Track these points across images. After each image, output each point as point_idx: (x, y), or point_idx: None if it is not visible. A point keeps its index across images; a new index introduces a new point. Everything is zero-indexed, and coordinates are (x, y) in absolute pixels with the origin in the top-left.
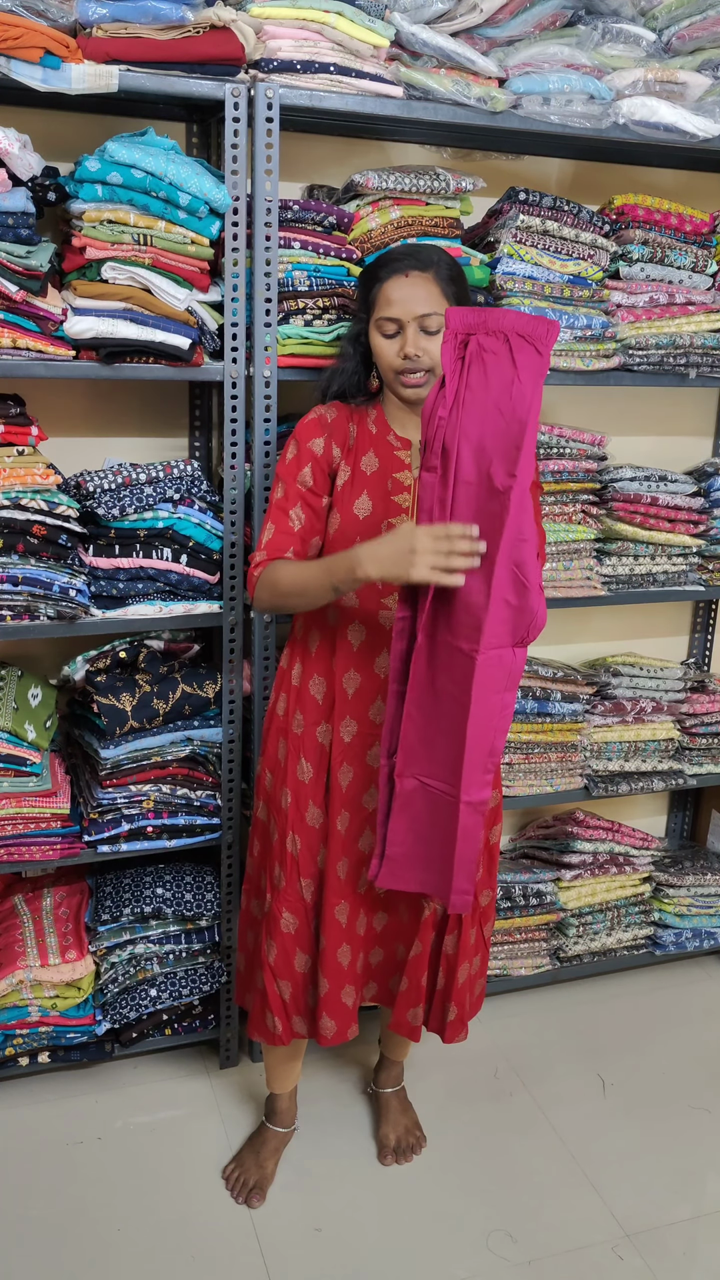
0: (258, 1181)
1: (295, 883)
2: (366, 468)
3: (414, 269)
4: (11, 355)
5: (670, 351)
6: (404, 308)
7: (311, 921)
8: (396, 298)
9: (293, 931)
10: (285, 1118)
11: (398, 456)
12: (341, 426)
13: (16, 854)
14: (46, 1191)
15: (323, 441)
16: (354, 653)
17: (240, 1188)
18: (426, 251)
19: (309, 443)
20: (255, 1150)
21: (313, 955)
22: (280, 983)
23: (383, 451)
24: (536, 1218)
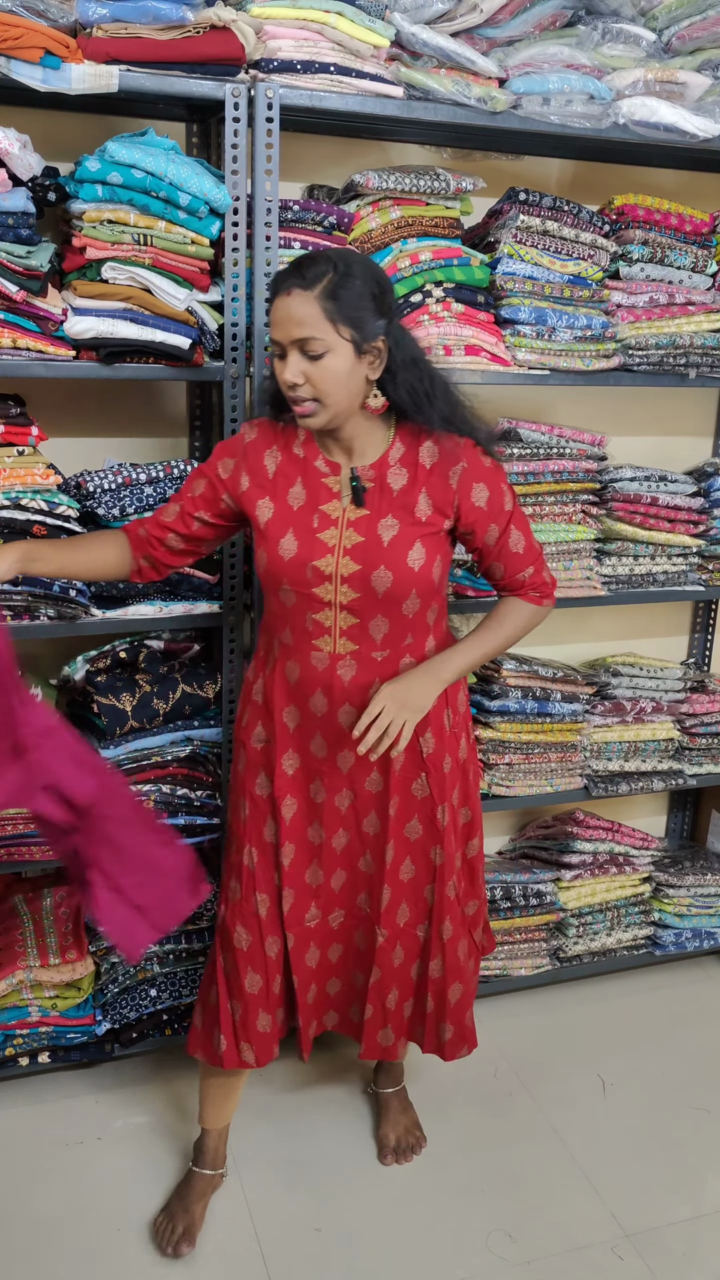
0: (185, 1228)
1: (251, 897)
2: (294, 501)
3: (296, 286)
4: (11, 355)
5: (670, 351)
6: (282, 330)
7: (264, 941)
8: (276, 318)
9: (244, 948)
10: (212, 1159)
11: (325, 485)
12: (258, 453)
13: (16, 854)
14: (46, 1191)
15: (232, 465)
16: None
17: (168, 1237)
18: (316, 264)
19: (220, 460)
20: (181, 1196)
21: (264, 976)
22: (233, 1002)
23: (310, 480)
24: (536, 1218)
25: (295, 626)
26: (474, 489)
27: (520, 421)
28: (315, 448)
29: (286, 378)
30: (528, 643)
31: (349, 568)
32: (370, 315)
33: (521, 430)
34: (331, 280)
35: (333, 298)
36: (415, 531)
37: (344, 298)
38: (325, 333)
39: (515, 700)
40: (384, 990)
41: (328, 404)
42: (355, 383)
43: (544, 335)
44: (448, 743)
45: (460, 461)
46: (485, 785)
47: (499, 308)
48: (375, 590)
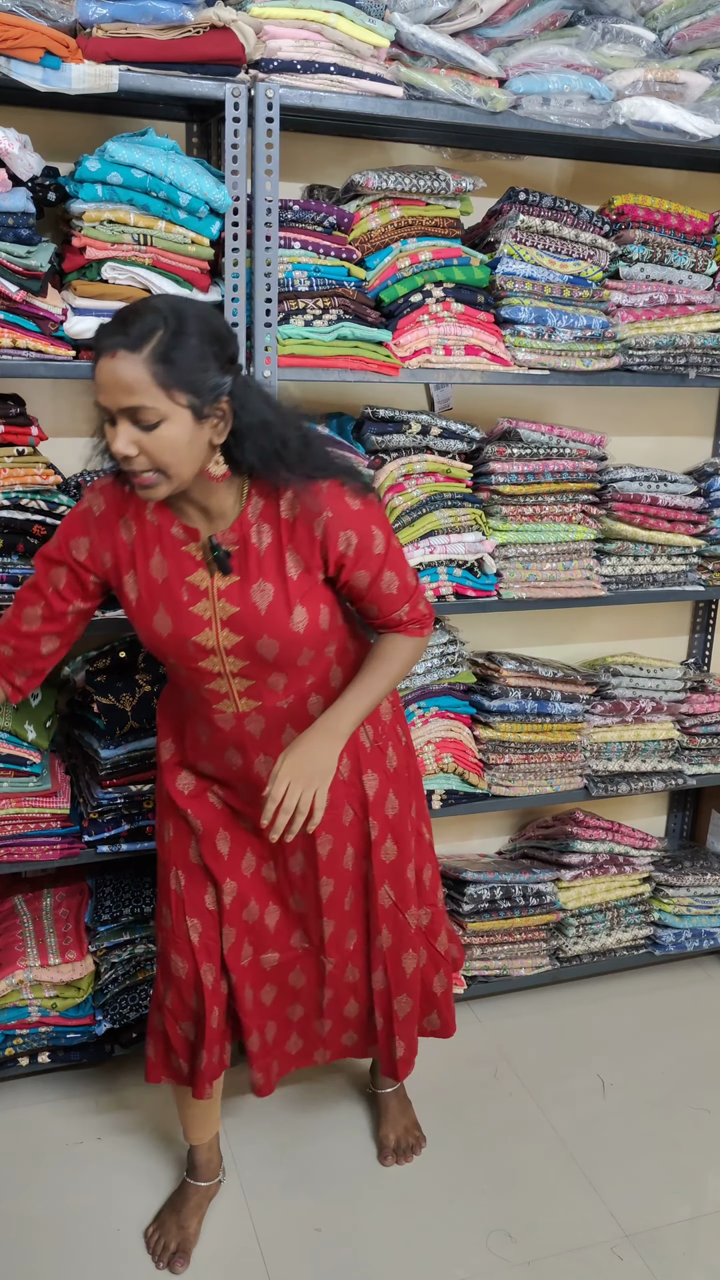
0: (180, 1244)
1: (181, 923)
2: (157, 573)
3: (122, 347)
4: (11, 355)
5: (670, 351)
6: (109, 396)
7: (199, 968)
8: (101, 381)
9: (182, 976)
10: (207, 1170)
11: (187, 553)
12: (111, 525)
13: (16, 854)
14: (46, 1192)
15: (86, 545)
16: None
17: (161, 1252)
18: (143, 319)
19: (71, 542)
20: (176, 1209)
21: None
22: (182, 1024)
23: (169, 549)
24: (536, 1218)
25: (193, 693)
26: (340, 537)
27: (520, 421)
28: (169, 513)
29: (118, 449)
30: (527, 643)
31: (230, 640)
32: (210, 376)
33: (521, 430)
34: (162, 339)
35: (165, 360)
36: (292, 593)
37: (178, 359)
38: (158, 400)
39: (515, 700)
40: (340, 1003)
41: (171, 475)
42: (197, 450)
43: (544, 335)
44: (370, 759)
45: (324, 511)
46: (485, 785)
47: (499, 308)
48: (263, 657)
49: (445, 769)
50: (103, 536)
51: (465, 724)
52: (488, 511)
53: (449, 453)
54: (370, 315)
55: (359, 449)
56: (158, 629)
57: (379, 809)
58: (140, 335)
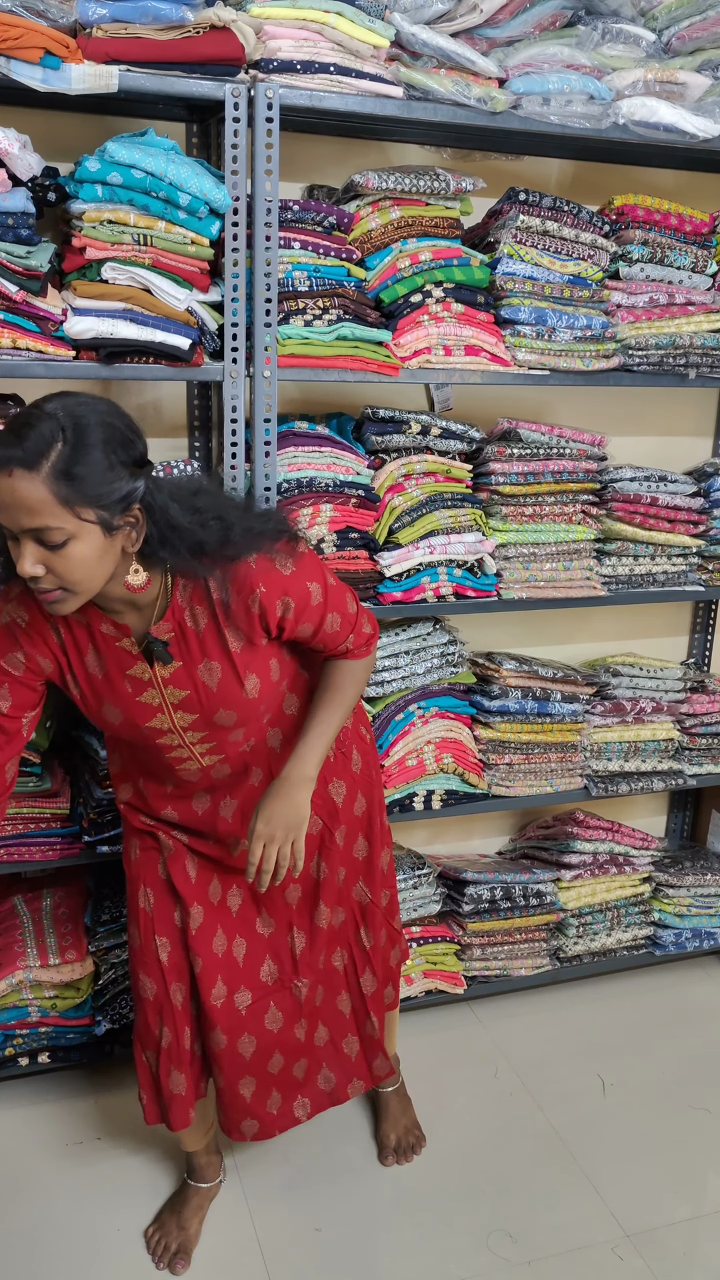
0: (180, 1245)
1: (150, 942)
2: (95, 670)
3: (17, 464)
4: (11, 355)
5: (670, 352)
6: (9, 517)
7: (169, 988)
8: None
9: (151, 998)
10: (207, 1172)
11: (121, 649)
12: (40, 631)
13: (16, 854)
14: (46, 1191)
15: (22, 658)
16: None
17: (162, 1252)
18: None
19: (3, 660)
20: (176, 1211)
21: (173, 1028)
22: (146, 1053)
23: (104, 646)
24: (536, 1218)
25: (155, 761)
26: (277, 605)
27: (520, 421)
28: (95, 611)
29: (24, 570)
30: (527, 643)
31: (186, 719)
32: (118, 485)
33: (521, 430)
34: (61, 454)
35: (66, 476)
36: (240, 665)
37: (81, 474)
38: (63, 520)
39: (515, 700)
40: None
41: (79, 592)
42: (109, 563)
43: (544, 335)
44: (334, 768)
45: (256, 588)
46: (485, 785)
47: (499, 308)
48: (222, 725)
49: (445, 769)
50: (35, 645)
51: (465, 724)
52: (488, 511)
53: (449, 453)
54: (370, 315)
55: (359, 449)
56: (108, 719)
57: (348, 813)
58: (37, 451)
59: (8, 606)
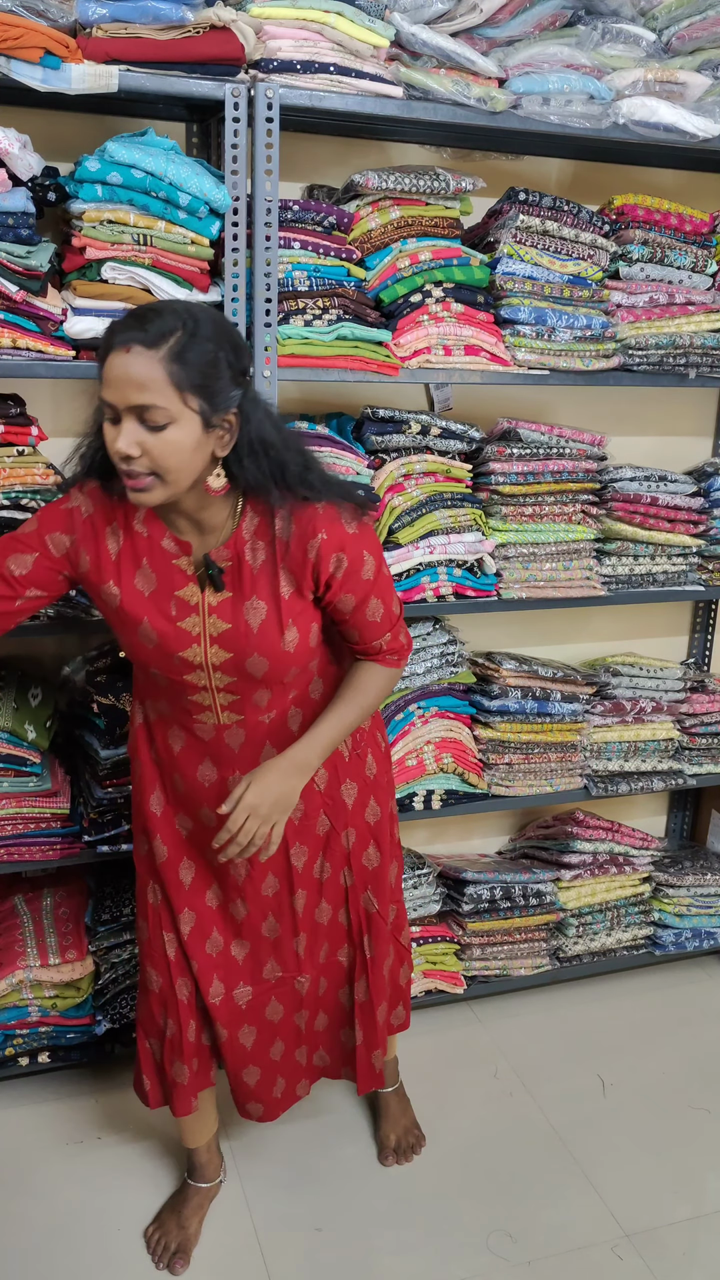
0: (180, 1245)
1: (158, 936)
2: (143, 586)
3: (138, 343)
4: (11, 355)
5: (670, 351)
6: (118, 392)
7: (174, 983)
8: (112, 377)
9: (156, 990)
10: (208, 1171)
11: (177, 567)
12: (97, 530)
13: (16, 854)
14: (46, 1191)
15: (68, 542)
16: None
17: (161, 1252)
18: (162, 318)
19: (49, 535)
20: (176, 1210)
21: (177, 1021)
22: (150, 1041)
23: (158, 563)
24: (536, 1218)
25: (173, 703)
26: (331, 560)
27: (520, 421)
28: (159, 524)
29: (120, 448)
30: (527, 643)
31: (220, 656)
32: (223, 384)
33: (521, 430)
34: (180, 340)
35: (180, 361)
36: (284, 612)
37: (193, 362)
38: (170, 401)
39: (515, 700)
40: (313, 1019)
41: (167, 481)
42: (200, 460)
43: (544, 335)
44: (348, 769)
45: (319, 533)
46: (485, 785)
47: (499, 308)
48: (252, 674)
49: (445, 769)
50: (86, 538)
51: (465, 724)
52: (487, 511)
53: (449, 453)
54: (370, 315)
55: (359, 449)
56: (142, 641)
57: (358, 817)
58: (158, 333)
59: (79, 495)
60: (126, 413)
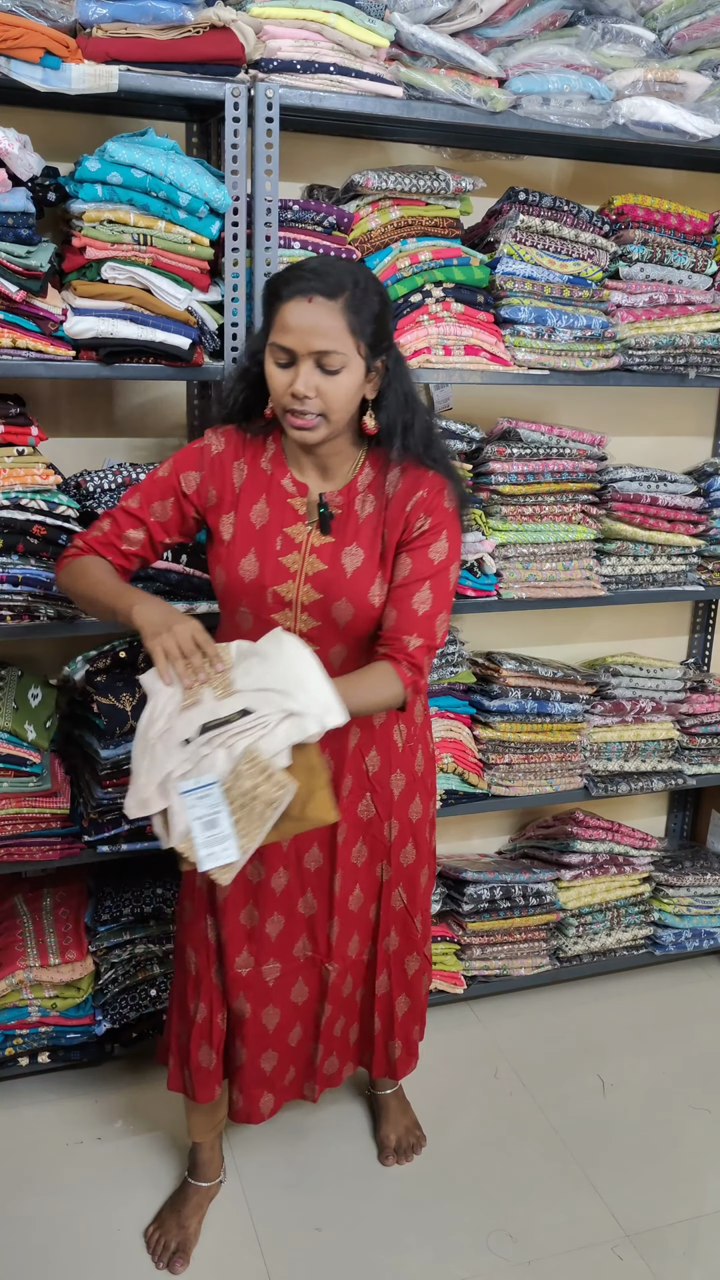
0: (179, 1244)
1: (201, 919)
2: (256, 519)
3: (319, 293)
4: (11, 355)
5: (670, 351)
6: (300, 339)
7: (210, 966)
8: (294, 324)
9: (193, 972)
10: (208, 1170)
11: (291, 506)
12: (225, 465)
13: (16, 854)
14: (46, 1191)
15: (197, 478)
16: None
17: (161, 1251)
18: (338, 273)
19: (183, 474)
20: (176, 1209)
21: (208, 1005)
22: (181, 1024)
23: (275, 499)
24: (536, 1218)
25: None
26: (419, 519)
27: (520, 421)
28: (283, 465)
29: (299, 389)
30: (527, 643)
31: (310, 596)
32: (382, 334)
33: (521, 430)
34: (354, 292)
35: (355, 311)
36: (377, 566)
37: (365, 313)
38: (346, 347)
39: (515, 700)
40: (332, 1022)
41: (332, 420)
42: (356, 401)
43: (544, 335)
44: (400, 759)
45: (420, 490)
46: (485, 785)
47: (499, 308)
48: (336, 621)
49: (445, 769)
50: (214, 473)
51: (465, 724)
52: (487, 511)
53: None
54: None
55: None
56: (243, 573)
57: (403, 810)
58: (337, 285)
59: (210, 434)
60: (306, 357)
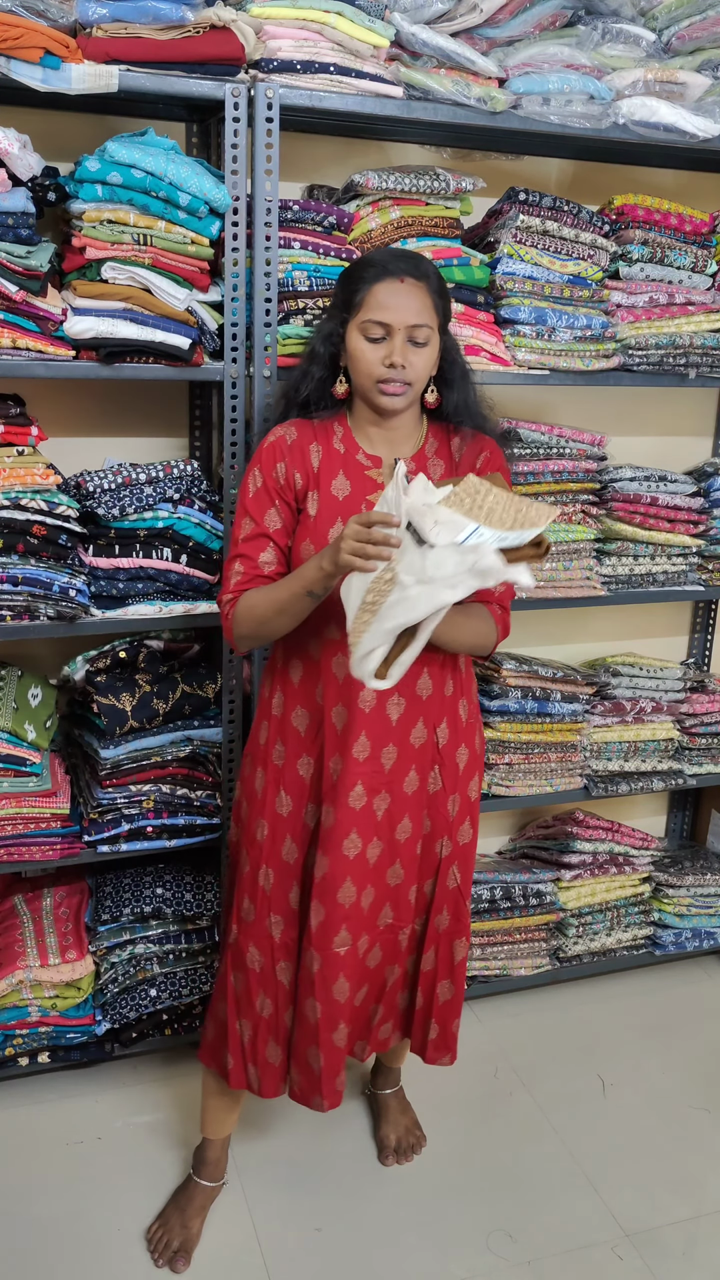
0: (182, 1243)
1: (265, 918)
2: (338, 492)
3: (410, 275)
4: (11, 355)
5: (670, 351)
6: (397, 315)
7: (275, 965)
8: (391, 303)
9: (257, 970)
10: (214, 1170)
11: (369, 477)
12: (303, 449)
13: (16, 854)
14: (46, 1191)
15: (284, 468)
16: (340, 686)
17: (163, 1250)
18: (422, 261)
19: (272, 471)
20: (181, 1208)
21: (274, 1001)
22: (241, 1021)
23: (353, 473)
24: (536, 1218)
25: (319, 641)
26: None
27: (520, 421)
28: (354, 442)
29: (398, 359)
30: (527, 643)
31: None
32: (448, 315)
33: (521, 430)
34: (434, 277)
35: (438, 293)
36: None
37: (442, 294)
38: (432, 322)
39: (515, 700)
40: (397, 988)
41: (414, 389)
42: (432, 373)
43: (544, 335)
44: (464, 734)
45: (484, 450)
46: (485, 785)
47: (499, 308)
48: None
49: None
50: (295, 459)
51: None
52: None
53: None
54: None
55: None
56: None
57: (465, 785)
58: (425, 273)
59: (280, 428)
60: (400, 331)
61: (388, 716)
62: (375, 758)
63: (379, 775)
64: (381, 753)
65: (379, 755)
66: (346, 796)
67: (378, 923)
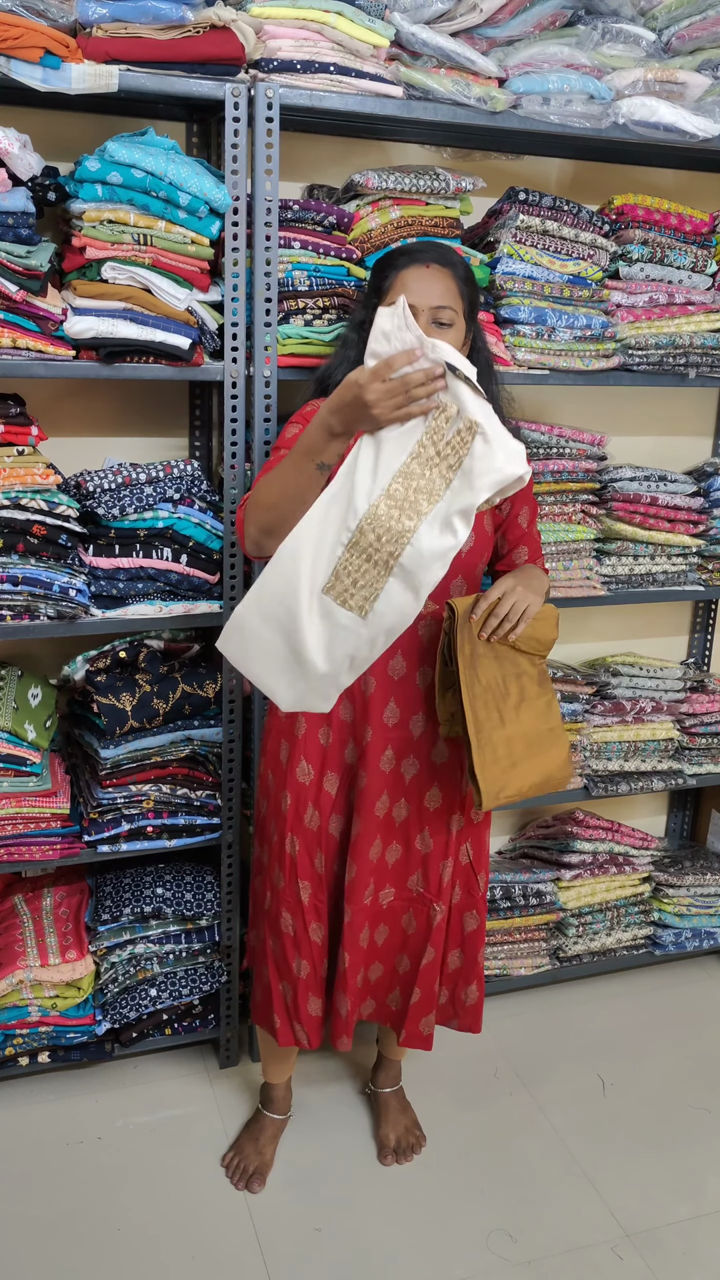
0: (258, 1168)
1: (293, 885)
2: None
3: (436, 262)
4: (11, 355)
5: (670, 351)
6: (422, 296)
7: (308, 927)
8: (416, 286)
9: (291, 933)
10: (281, 1105)
11: None
12: None
13: (16, 854)
14: (46, 1191)
15: None
16: None
17: (240, 1174)
18: (450, 251)
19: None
20: (254, 1137)
21: (310, 961)
22: (284, 983)
23: None
24: (536, 1218)
25: None
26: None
27: (520, 421)
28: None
29: None
30: None
31: None
32: (475, 303)
33: (521, 430)
34: (460, 265)
35: (466, 281)
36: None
37: (468, 281)
38: (456, 304)
39: None
40: (434, 974)
41: None
42: None
43: (544, 335)
44: None
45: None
46: None
47: (499, 307)
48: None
49: None
50: None
51: None
52: None
53: None
54: None
55: None
56: None
57: None
58: (451, 261)
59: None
60: (425, 312)
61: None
62: (404, 724)
63: (408, 741)
64: (411, 720)
65: (408, 723)
66: (378, 760)
67: (408, 884)
